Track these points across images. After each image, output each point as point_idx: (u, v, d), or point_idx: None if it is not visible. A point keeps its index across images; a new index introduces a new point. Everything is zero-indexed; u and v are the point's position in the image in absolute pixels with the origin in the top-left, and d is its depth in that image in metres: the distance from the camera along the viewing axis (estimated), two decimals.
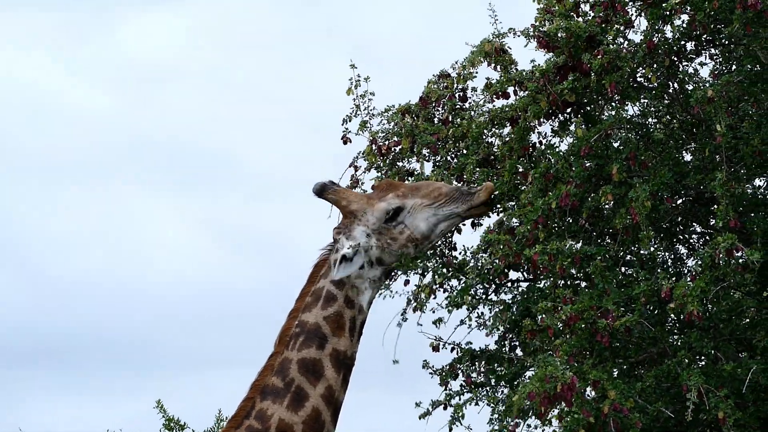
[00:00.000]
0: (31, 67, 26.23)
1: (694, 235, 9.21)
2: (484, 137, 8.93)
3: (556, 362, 7.52)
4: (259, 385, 6.94)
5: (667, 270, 8.83)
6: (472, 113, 8.97)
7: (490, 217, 8.42)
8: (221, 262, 25.45)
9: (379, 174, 9.27)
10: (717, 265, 7.57)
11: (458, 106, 9.16)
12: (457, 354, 9.11)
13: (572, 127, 8.66)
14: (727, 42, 8.81)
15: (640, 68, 8.50)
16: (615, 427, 7.49)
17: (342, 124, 9.40)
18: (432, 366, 9.09)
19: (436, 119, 9.23)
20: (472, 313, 9.11)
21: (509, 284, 9.28)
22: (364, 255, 7.09)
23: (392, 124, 9.31)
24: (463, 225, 8.37)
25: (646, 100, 8.92)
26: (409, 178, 9.17)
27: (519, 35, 8.69)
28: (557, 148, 8.71)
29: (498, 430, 8.59)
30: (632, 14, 8.53)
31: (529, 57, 8.91)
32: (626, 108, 8.74)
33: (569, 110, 8.75)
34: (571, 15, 8.56)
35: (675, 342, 8.35)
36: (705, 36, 8.60)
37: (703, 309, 7.86)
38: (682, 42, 8.58)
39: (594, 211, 8.39)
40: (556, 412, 7.83)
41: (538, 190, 8.21)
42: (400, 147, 9.20)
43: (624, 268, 8.59)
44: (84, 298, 24.89)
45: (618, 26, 8.51)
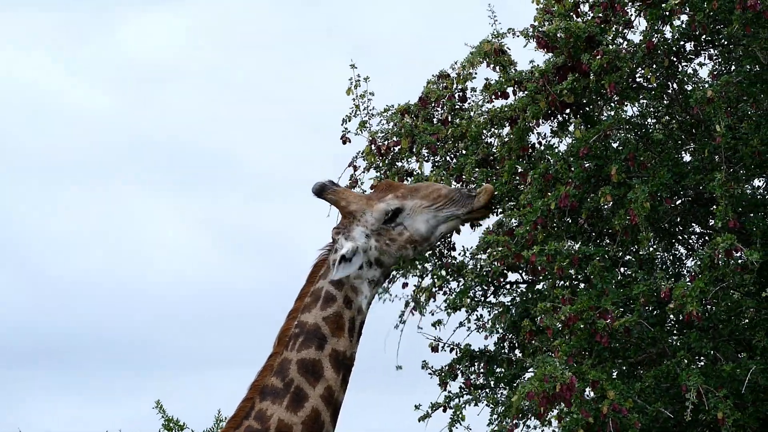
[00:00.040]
0: (31, 67, 26.24)
1: (693, 236, 9.21)
2: (483, 137, 8.93)
3: (555, 362, 7.52)
4: (259, 385, 6.94)
5: (666, 270, 8.83)
6: (472, 113, 8.97)
7: (489, 218, 8.42)
8: (221, 262, 25.47)
9: (378, 174, 9.26)
10: (716, 265, 7.57)
11: (457, 107, 9.16)
12: (457, 355, 9.11)
13: (571, 127, 8.67)
14: (727, 42, 8.80)
15: (640, 68, 8.50)
16: (614, 427, 7.49)
17: (341, 124, 9.40)
18: (431, 367, 9.09)
19: (435, 119, 9.23)
20: (471, 316, 9.11)
21: (508, 286, 9.27)
22: (363, 255, 7.09)
23: (391, 124, 9.31)
24: (462, 225, 8.36)
25: (646, 101, 8.92)
26: (409, 179, 9.16)
27: (518, 35, 8.69)
28: (556, 148, 8.71)
29: (497, 430, 8.59)
30: (631, 14, 8.53)
31: (529, 57, 8.92)
32: (625, 108, 8.74)
33: (568, 111, 8.75)
34: (570, 15, 8.56)
35: (674, 342, 8.35)
36: (704, 36, 8.60)
37: (703, 309, 7.86)
38: (682, 42, 8.58)
39: (593, 212, 8.39)
40: (555, 412, 7.83)
41: (537, 191, 8.21)
42: (399, 147, 9.19)
43: (623, 269, 8.59)
44: (84, 298, 24.91)
45: (617, 26, 8.51)
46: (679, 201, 8.79)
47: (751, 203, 8.52)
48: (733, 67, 8.83)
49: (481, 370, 9.05)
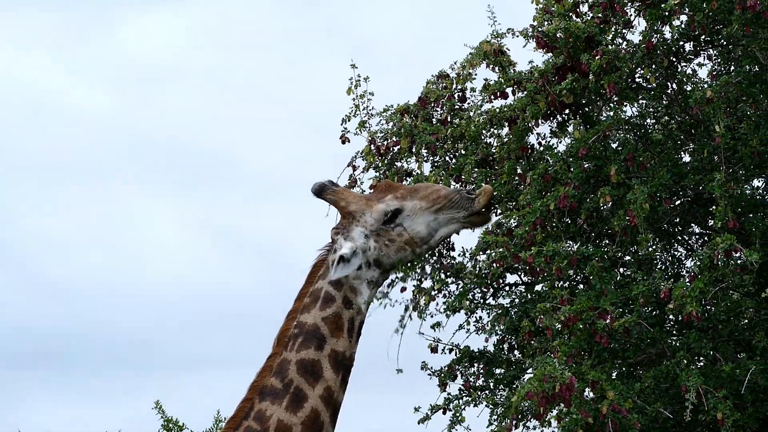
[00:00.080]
0: (31, 67, 26.22)
1: (693, 236, 9.20)
2: (483, 137, 8.93)
3: (555, 363, 7.52)
4: (258, 385, 6.93)
5: (665, 271, 8.83)
6: (471, 114, 8.97)
7: (490, 221, 8.40)
8: (220, 263, 25.45)
9: (378, 174, 9.26)
10: (716, 265, 7.56)
11: (457, 107, 9.16)
12: (456, 355, 9.10)
13: (570, 128, 8.66)
14: (726, 43, 8.80)
15: (639, 69, 8.50)
16: (613, 427, 7.48)
17: (341, 124, 9.39)
18: (431, 367, 9.08)
19: (434, 119, 9.22)
20: (470, 318, 9.10)
21: (507, 288, 9.27)
22: (361, 256, 7.08)
23: (391, 124, 9.30)
24: (462, 229, 8.33)
25: (645, 101, 8.92)
26: (408, 179, 9.16)
27: (518, 35, 8.68)
28: (555, 149, 8.70)
29: (496, 431, 8.59)
30: (631, 15, 8.52)
31: (528, 58, 8.92)
32: (624, 109, 8.74)
33: (567, 111, 8.75)
34: (569, 15, 8.55)
35: (674, 343, 8.35)
36: (704, 37, 8.59)
37: (702, 310, 7.86)
38: (681, 43, 8.58)
39: (592, 212, 8.39)
40: (554, 412, 7.82)
41: (536, 192, 8.21)
42: (398, 147, 9.19)
43: (622, 269, 8.58)
44: (84, 299, 24.90)
45: (617, 27, 8.51)
46: (679, 201, 8.79)
47: (751, 203, 8.52)
48: (732, 68, 8.82)
49: (481, 371, 9.04)
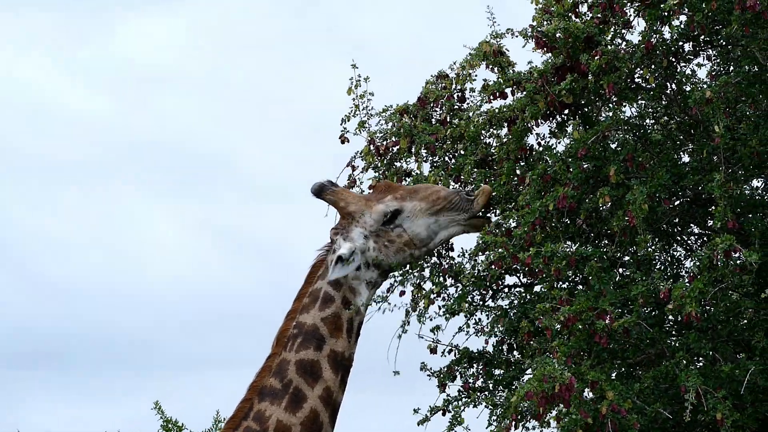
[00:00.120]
0: (30, 67, 26.23)
1: (692, 237, 9.20)
2: (482, 138, 8.92)
3: (554, 363, 7.51)
4: (257, 386, 6.95)
5: (664, 271, 8.82)
6: (470, 114, 8.96)
7: (491, 222, 8.39)
8: (220, 263, 25.47)
9: (377, 174, 9.25)
10: (715, 266, 7.55)
11: (456, 107, 9.15)
12: (455, 356, 9.09)
13: (569, 128, 8.65)
14: (725, 43, 8.79)
15: (638, 69, 8.49)
16: (613, 428, 7.47)
17: (340, 124, 9.39)
18: (430, 368, 9.07)
19: (434, 120, 9.22)
20: (469, 320, 9.09)
21: (506, 290, 9.26)
22: (360, 256, 7.10)
23: (390, 124, 9.30)
24: (463, 233, 8.32)
25: (644, 101, 8.91)
26: (407, 179, 9.15)
27: (517, 36, 8.68)
28: (554, 149, 8.70)
29: (495, 431, 8.58)
30: (630, 15, 8.52)
31: (527, 58, 8.91)
32: (624, 109, 8.73)
33: (567, 111, 8.74)
34: (568, 15, 8.55)
35: (673, 343, 8.34)
36: (703, 37, 8.58)
37: (701, 310, 7.85)
38: (680, 43, 8.57)
39: (592, 213, 8.38)
40: (554, 413, 7.81)
41: (535, 192, 8.20)
42: (398, 147, 9.18)
43: (621, 270, 8.57)
44: (83, 299, 24.91)
45: (616, 27, 8.51)
46: (678, 202, 8.78)
47: (750, 204, 8.51)
48: (731, 68, 8.81)
49: (480, 372, 9.03)
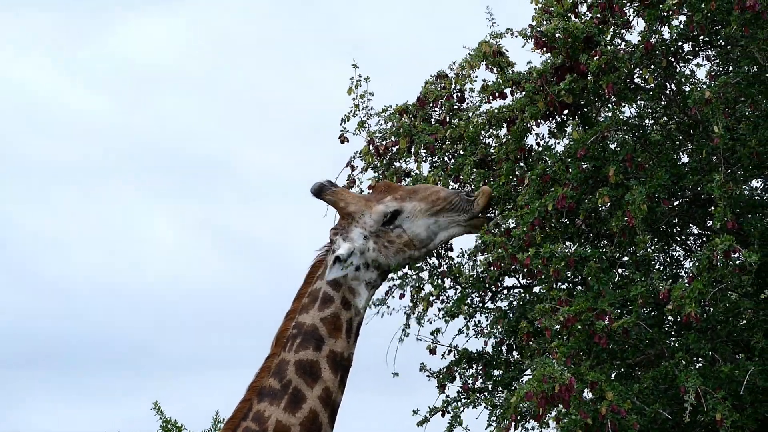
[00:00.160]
0: (30, 67, 26.24)
1: (691, 237, 9.20)
2: (481, 138, 8.92)
3: (554, 364, 7.51)
4: (257, 386, 6.93)
5: (663, 272, 8.82)
6: (470, 114, 8.96)
7: (491, 221, 8.40)
8: (220, 263, 25.47)
9: (376, 174, 9.25)
10: (715, 266, 7.55)
11: (456, 107, 9.15)
12: (454, 356, 9.09)
13: (569, 128, 8.66)
14: (725, 43, 8.80)
15: (638, 69, 8.50)
16: (613, 428, 7.47)
17: (340, 124, 9.39)
18: (429, 369, 9.07)
19: (433, 120, 9.22)
20: (469, 322, 9.09)
21: (505, 291, 9.26)
22: (360, 257, 7.09)
23: (390, 124, 9.30)
24: (463, 234, 8.32)
25: (643, 102, 8.92)
26: (406, 179, 9.16)
27: (516, 36, 8.68)
28: (554, 149, 8.70)
29: (495, 431, 8.59)
30: (630, 15, 8.52)
31: (527, 58, 8.92)
32: (623, 109, 8.73)
33: (566, 112, 8.74)
34: (568, 16, 8.55)
35: (672, 343, 8.34)
36: (702, 37, 8.59)
37: (701, 310, 7.85)
38: (680, 43, 8.58)
39: (591, 213, 8.38)
40: (553, 413, 7.81)
41: (534, 192, 8.20)
42: (397, 147, 9.18)
43: (620, 270, 8.58)
44: (83, 299, 24.92)
45: (615, 27, 8.51)
46: (677, 202, 8.78)
47: (749, 204, 8.51)
48: (731, 68, 8.82)
49: (479, 373, 9.03)
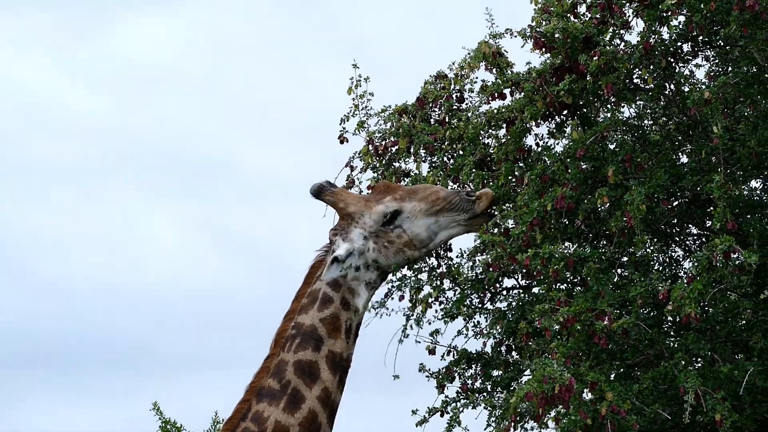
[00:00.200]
0: (30, 67, 26.24)
1: (690, 237, 9.20)
2: (481, 138, 8.92)
3: (553, 364, 7.50)
4: (256, 387, 6.94)
5: (662, 272, 8.82)
6: (469, 114, 8.96)
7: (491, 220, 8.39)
8: (220, 263, 25.47)
9: (376, 174, 9.25)
10: (714, 267, 7.55)
11: (455, 107, 9.15)
12: (454, 357, 9.09)
13: (568, 129, 8.65)
14: (724, 44, 8.79)
15: (637, 69, 8.49)
16: (612, 429, 7.47)
17: (339, 124, 9.39)
18: (428, 369, 9.07)
19: (432, 120, 9.21)
20: (468, 323, 9.08)
21: (504, 292, 9.25)
22: (359, 257, 7.09)
23: (389, 124, 9.29)
24: (463, 233, 8.32)
25: (642, 102, 8.91)
26: (406, 179, 9.15)
27: (516, 36, 8.67)
28: (553, 149, 8.70)
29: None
30: (629, 15, 8.52)
31: (526, 59, 8.91)
32: (622, 110, 8.73)
33: (565, 112, 8.74)
34: (567, 16, 8.55)
35: (672, 344, 8.34)
36: (701, 37, 8.58)
37: (700, 311, 7.85)
38: (679, 43, 8.57)
39: (590, 214, 8.38)
40: (552, 414, 7.81)
41: (533, 192, 8.20)
42: (396, 147, 9.18)
43: (620, 270, 8.57)
44: (83, 299, 24.92)
45: (615, 27, 8.50)
46: (676, 202, 8.78)
47: (749, 204, 8.51)
48: (730, 69, 8.81)
49: (478, 374, 9.02)
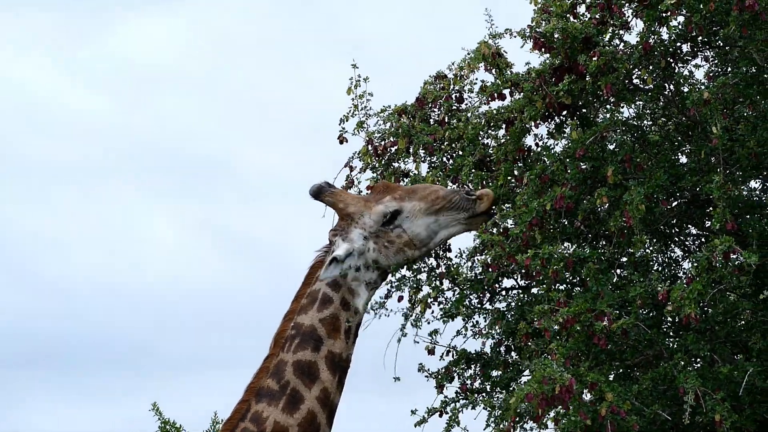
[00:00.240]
0: (30, 67, 26.23)
1: (690, 238, 9.20)
2: (480, 138, 8.92)
3: (553, 365, 7.50)
4: (255, 387, 6.93)
5: (662, 272, 8.82)
6: (468, 115, 8.96)
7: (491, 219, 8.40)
8: (219, 263, 25.47)
9: (375, 175, 9.25)
10: (714, 267, 7.55)
11: (454, 108, 9.15)
12: (453, 357, 9.09)
13: (567, 129, 8.66)
14: (723, 44, 8.80)
15: (636, 70, 8.50)
16: (612, 429, 7.47)
17: (339, 124, 9.38)
18: (428, 369, 9.07)
19: (432, 120, 9.21)
20: (467, 323, 9.08)
21: (504, 292, 9.26)
22: (359, 258, 7.08)
23: (388, 124, 9.29)
24: (463, 232, 8.31)
25: (642, 102, 8.91)
26: (405, 179, 9.15)
27: (515, 36, 8.67)
28: (552, 149, 8.70)
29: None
30: (628, 16, 8.52)
31: (525, 59, 8.91)
32: (621, 110, 8.73)
33: (565, 112, 8.74)
34: (567, 16, 8.54)
35: (671, 344, 8.34)
36: (701, 38, 8.59)
37: (700, 311, 7.85)
38: (678, 44, 8.57)
39: (589, 214, 8.38)
40: (552, 414, 7.81)
41: (533, 192, 8.20)
42: (396, 147, 9.17)
43: (619, 271, 8.57)
44: (83, 299, 24.91)
45: (614, 28, 8.50)
46: (676, 203, 8.78)
47: (748, 205, 8.51)
48: (729, 69, 8.81)
49: (478, 374, 9.02)
